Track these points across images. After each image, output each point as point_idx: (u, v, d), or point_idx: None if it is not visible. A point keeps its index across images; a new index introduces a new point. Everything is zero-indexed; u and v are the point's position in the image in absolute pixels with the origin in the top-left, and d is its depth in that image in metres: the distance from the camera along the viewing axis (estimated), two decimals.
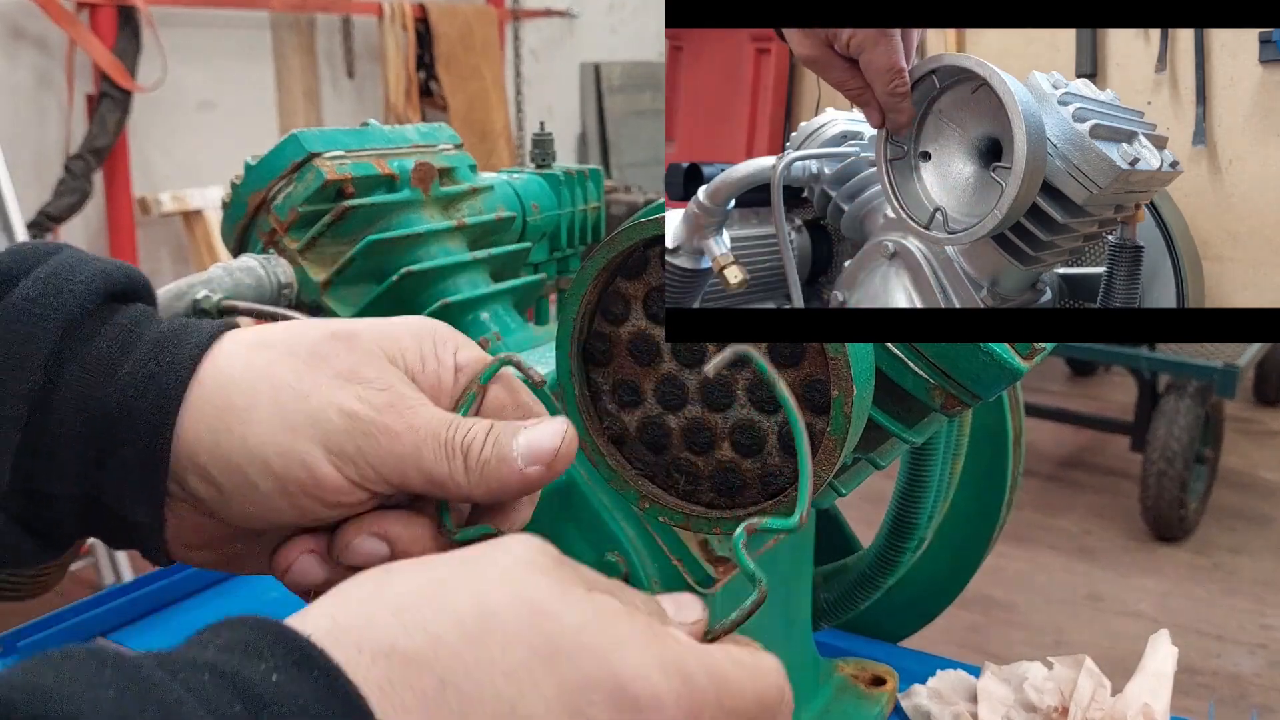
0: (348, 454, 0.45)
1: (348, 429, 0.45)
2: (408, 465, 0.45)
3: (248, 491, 0.45)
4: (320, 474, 0.45)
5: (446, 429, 0.46)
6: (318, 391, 0.45)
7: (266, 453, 0.44)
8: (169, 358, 0.46)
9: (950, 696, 0.96)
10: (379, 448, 0.45)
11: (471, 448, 0.46)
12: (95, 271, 0.47)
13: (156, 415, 0.44)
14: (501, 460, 0.46)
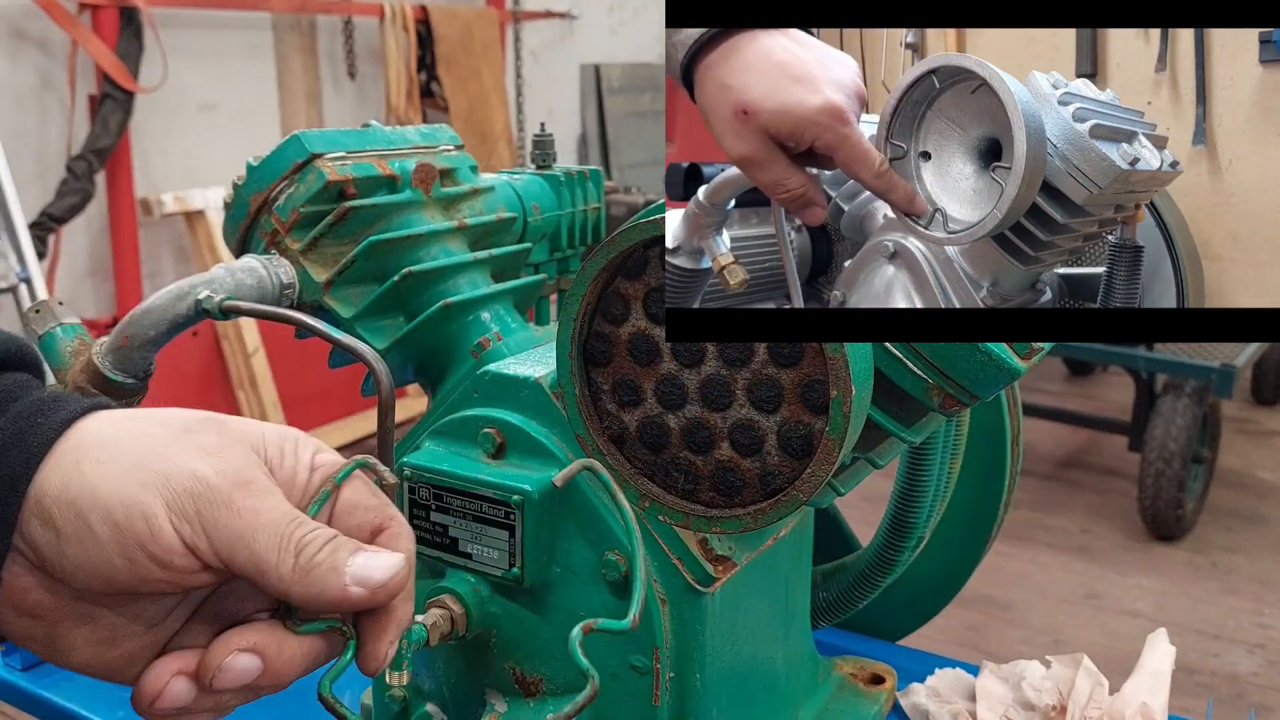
0: (188, 515, 0.46)
1: (193, 492, 0.46)
2: (240, 544, 0.46)
3: (85, 537, 0.45)
4: (156, 528, 0.45)
5: (289, 523, 0.47)
6: (179, 456, 0.47)
7: (111, 501, 0.45)
8: (42, 419, 0.47)
9: (948, 695, 0.96)
10: (218, 518, 0.46)
11: (306, 548, 0.47)
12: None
13: (17, 468, 0.45)
14: (332, 569, 0.47)
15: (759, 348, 0.63)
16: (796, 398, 0.62)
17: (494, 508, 0.74)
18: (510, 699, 0.79)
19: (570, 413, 0.69)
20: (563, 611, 0.76)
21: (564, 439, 0.75)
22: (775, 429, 0.63)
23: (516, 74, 4.93)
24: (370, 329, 0.84)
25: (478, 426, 0.77)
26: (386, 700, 0.85)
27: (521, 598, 0.77)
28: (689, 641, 0.75)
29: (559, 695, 0.78)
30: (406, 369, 0.87)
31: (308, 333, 0.76)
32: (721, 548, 0.75)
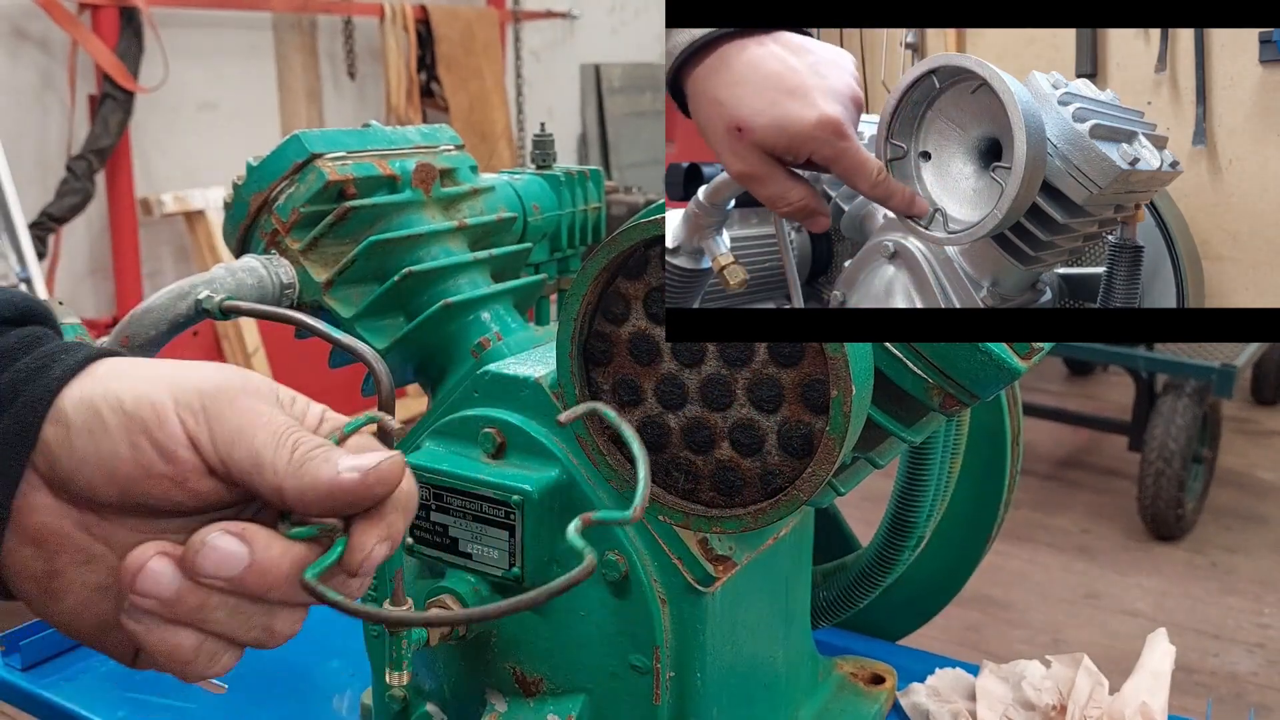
0: (194, 408, 0.47)
1: (200, 389, 0.48)
2: (240, 438, 0.47)
3: (95, 427, 0.47)
4: (163, 415, 0.47)
5: (288, 426, 0.49)
6: (196, 369, 0.49)
7: (124, 395, 0.47)
8: (65, 355, 0.49)
9: (949, 694, 0.96)
10: (221, 412, 0.48)
11: (302, 445, 0.48)
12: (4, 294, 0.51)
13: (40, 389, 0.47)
14: (325, 461, 0.47)
15: (759, 348, 0.63)
16: (797, 397, 0.62)
17: (494, 508, 0.74)
18: (510, 699, 0.80)
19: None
20: (563, 611, 0.76)
21: (564, 439, 0.75)
22: (775, 429, 0.63)
23: (517, 74, 4.93)
24: (370, 329, 0.84)
25: (478, 426, 0.77)
26: (386, 700, 0.85)
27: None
28: (689, 641, 0.75)
29: (559, 695, 0.78)
30: (406, 369, 0.87)
31: (308, 333, 0.76)
32: (721, 547, 0.75)
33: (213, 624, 0.48)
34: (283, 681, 1.01)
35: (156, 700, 0.98)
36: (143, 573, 0.47)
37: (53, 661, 1.03)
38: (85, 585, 0.49)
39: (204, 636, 0.48)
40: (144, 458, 0.47)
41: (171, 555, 0.47)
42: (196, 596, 0.47)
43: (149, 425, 0.47)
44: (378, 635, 0.82)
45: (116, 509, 0.48)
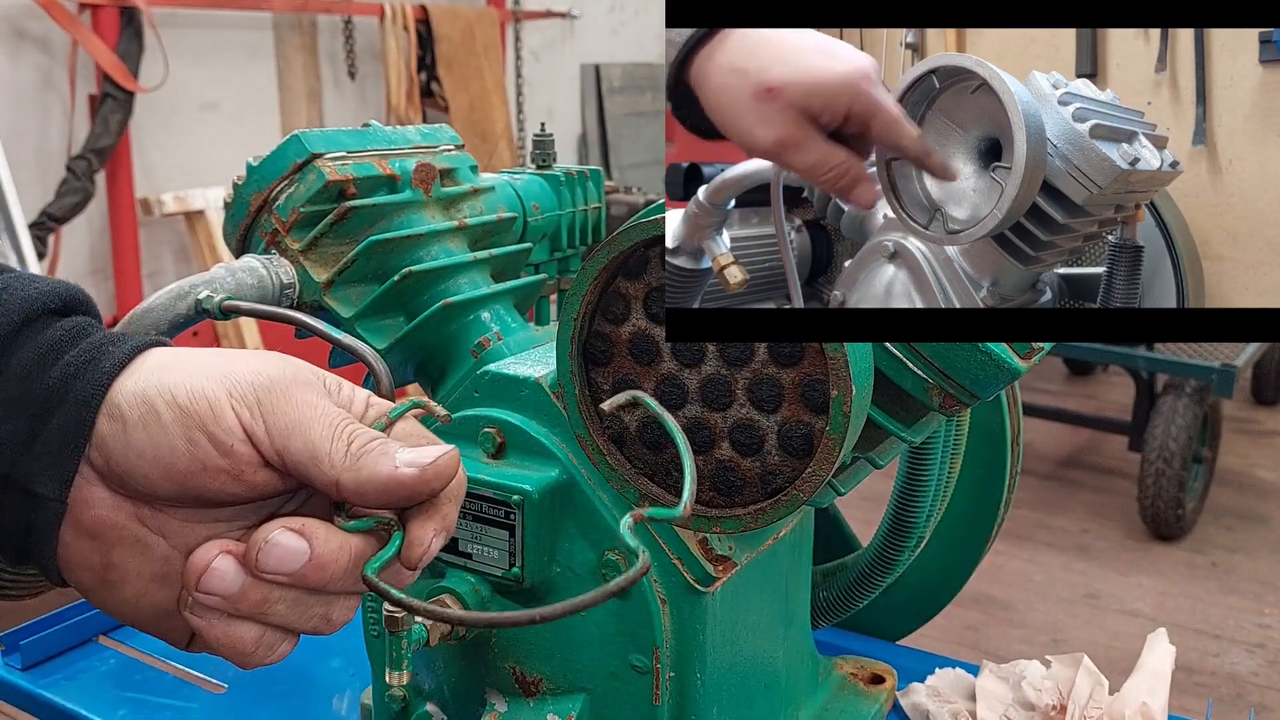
0: (249, 401, 0.48)
1: (255, 383, 0.48)
2: (296, 430, 0.48)
3: (150, 422, 0.47)
4: (219, 409, 0.47)
5: (343, 418, 0.49)
6: (244, 360, 0.50)
7: (178, 389, 0.48)
8: (113, 347, 0.49)
9: (949, 694, 0.96)
10: (276, 405, 0.48)
11: (357, 438, 0.48)
12: (50, 286, 0.51)
13: (92, 383, 0.48)
14: (382, 454, 0.48)
15: (759, 348, 0.63)
16: (796, 397, 0.62)
17: (494, 508, 0.74)
18: (510, 699, 0.80)
19: (570, 413, 0.69)
20: None
21: (564, 439, 0.75)
22: (775, 429, 0.63)
23: (517, 74, 4.93)
24: (370, 329, 0.84)
25: (478, 426, 0.77)
26: (386, 700, 0.85)
27: (521, 598, 0.77)
28: (689, 641, 0.75)
29: (559, 695, 0.78)
30: (406, 369, 0.87)
31: (308, 333, 0.76)
32: (721, 547, 0.75)
33: (274, 616, 0.49)
34: (283, 681, 1.01)
35: (156, 700, 0.98)
36: (208, 571, 0.48)
37: (53, 661, 1.03)
38: (141, 575, 0.50)
39: (264, 629, 0.49)
40: (201, 452, 0.47)
41: (235, 553, 0.48)
42: (259, 592, 0.48)
43: (205, 420, 0.47)
44: (378, 635, 0.82)
45: (172, 500, 0.49)
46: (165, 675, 1.02)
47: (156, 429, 0.47)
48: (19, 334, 0.49)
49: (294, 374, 0.50)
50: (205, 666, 1.02)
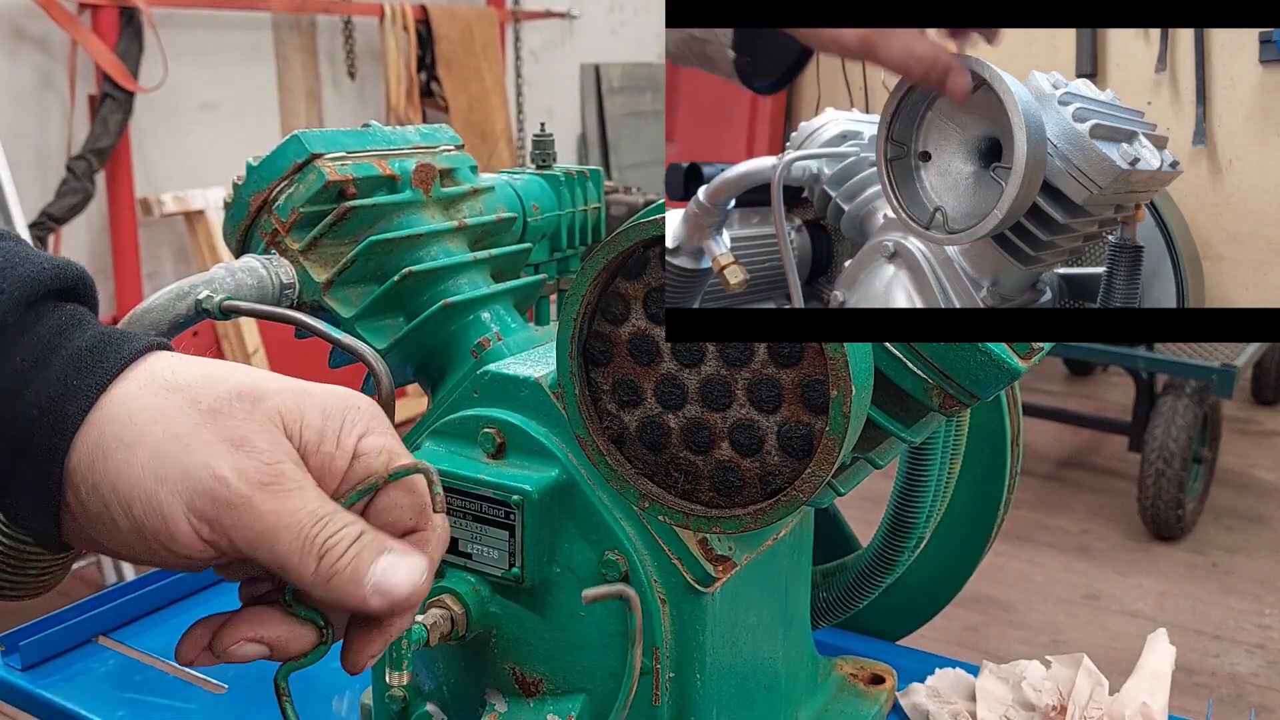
0: (207, 516, 0.46)
1: (212, 494, 0.46)
2: (261, 544, 0.46)
3: (108, 522, 0.47)
4: (175, 528, 0.46)
5: (313, 525, 0.47)
6: (202, 449, 0.46)
7: (132, 496, 0.46)
8: (77, 381, 0.47)
9: (948, 695, 0.96)
10: (238, 521, 0.46)
11: (329, 553, 0.47)
12: (24, 276, 0.48)
13: (53, 440, 0.46)
14: (352, 579, 0.47)
15: (759, 348, 0.63)
16: (796, 398, 0.62)
17: (494, 508, 0.74)
18: (510, 699, 0.79)
19: (570, 413, 0.69)
20: (563, 611, 0.76)
21: (564, 439, 0.75)
22: (775, 429, 0.63)
23: (516, 74, 4.93)
24: (370, 329, 0.84)
25: (478, 426, 0.77)
26: (386, 700, 0.85)
27: (521, 598, 0.77)
28: (689, 641, 0.75)
29: (559, 695, 0.78)
30: (406, 369, 0.87)
31: (308, 333, 0.76)
32: (721, 548, 0.75)
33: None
34: None
35: (156, 700, 0.98)
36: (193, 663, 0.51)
37: (52, 662, 1.03)
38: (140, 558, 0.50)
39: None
40: (160, 557, 0.48)
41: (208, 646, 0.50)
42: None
43: (160, 537, 0.46)
44: None
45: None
46: (165, 675, 1.02)
47: (114, 531, 0.47)
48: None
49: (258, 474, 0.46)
50: (205, 667, 1.02)
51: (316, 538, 0.46)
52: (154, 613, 1.13)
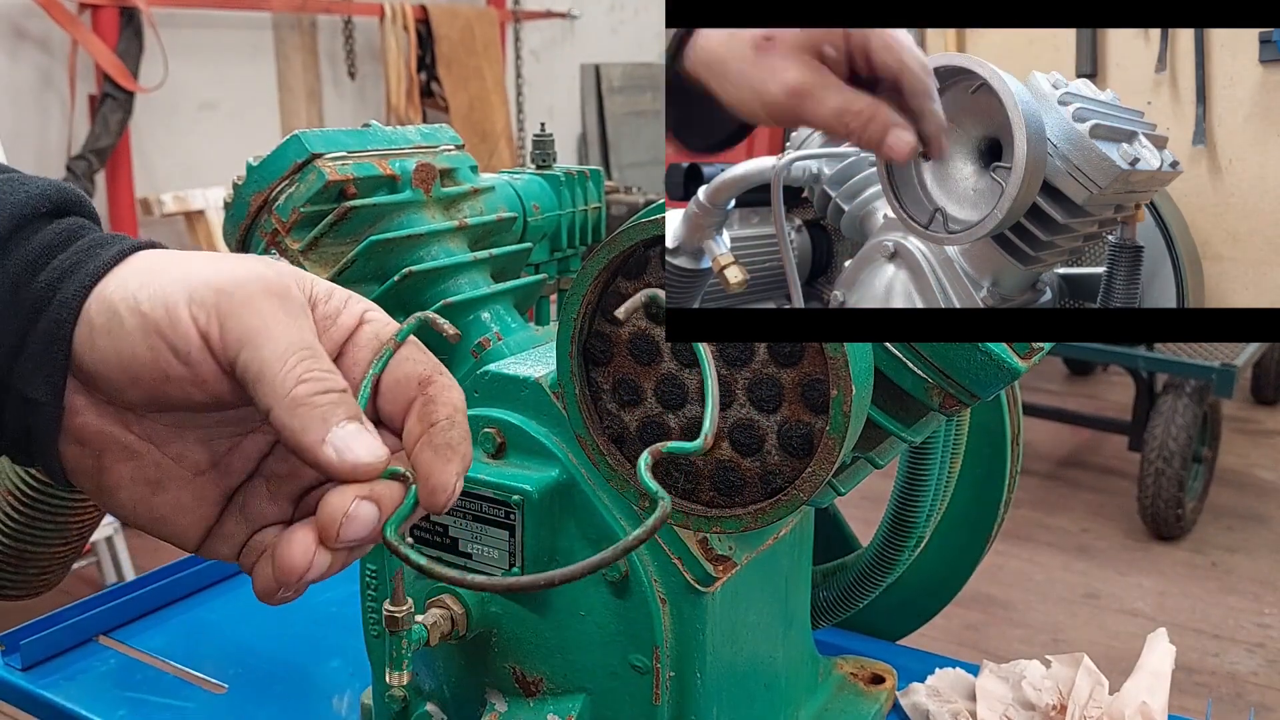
0: (207, 305, 0.46)
1: (218, 287, 0.46)
2: (249, 342, 0.46)
3: (114, 328, 0.46)
4: (175, 315, 0.46)
5: (303, 348, 0.46)
6: (219, 263, 0.47)
7: (140, 295, 0.46)
8: (101, 250, 0.48)
9: (949, 694, 0.96)
10: (235, 310, 0.46)
11: (309, 382, 0.46)
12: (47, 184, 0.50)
13: (74, 287, 0.47)
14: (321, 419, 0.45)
15: (759, 348, 0.63)
16: (796, 397, 0.62)
17: (494, 508, 0.74)
18: (510, 699, 0.80)
19: (570, 413, 0.69)
20: (563, 611, 0.76)
21: (564, 439, 0.75)
22: (775, 428, 0.63)
23: (517, 74, 4.93)
24: None
25: (478, 426, 0.77)
26: (386, 700, 0.85)
27: (521, 597, 0.77)
28: (689, 641, 0.75)
29: (559, 695, 0.78)
30: None
31: None
32: (721, 547, 0.75)
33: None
34: (283, 681, 1.01)
35: (156, 700, 0.98)
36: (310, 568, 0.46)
37: (53, 661, 1.03)
38: (136, 481, 0.49)
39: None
40: (161, 359, 0.46)
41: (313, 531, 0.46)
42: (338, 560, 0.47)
43: (162, 326, 0.46)
44: (378, 635, 0.82)
45: (146, 408, 0.49)
46: (165, 675, 1.02)
47: (119, 335, 0.46)
48: (11, 238, 0.48)
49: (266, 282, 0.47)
50: (206, 667, 1.02)
51: (301, 362, 0.46)
52: (154, 612, 1.13)
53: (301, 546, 0.46)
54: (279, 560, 0.46)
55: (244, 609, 1.15)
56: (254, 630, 1.10)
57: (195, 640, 1.08)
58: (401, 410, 0.50)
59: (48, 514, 0.80)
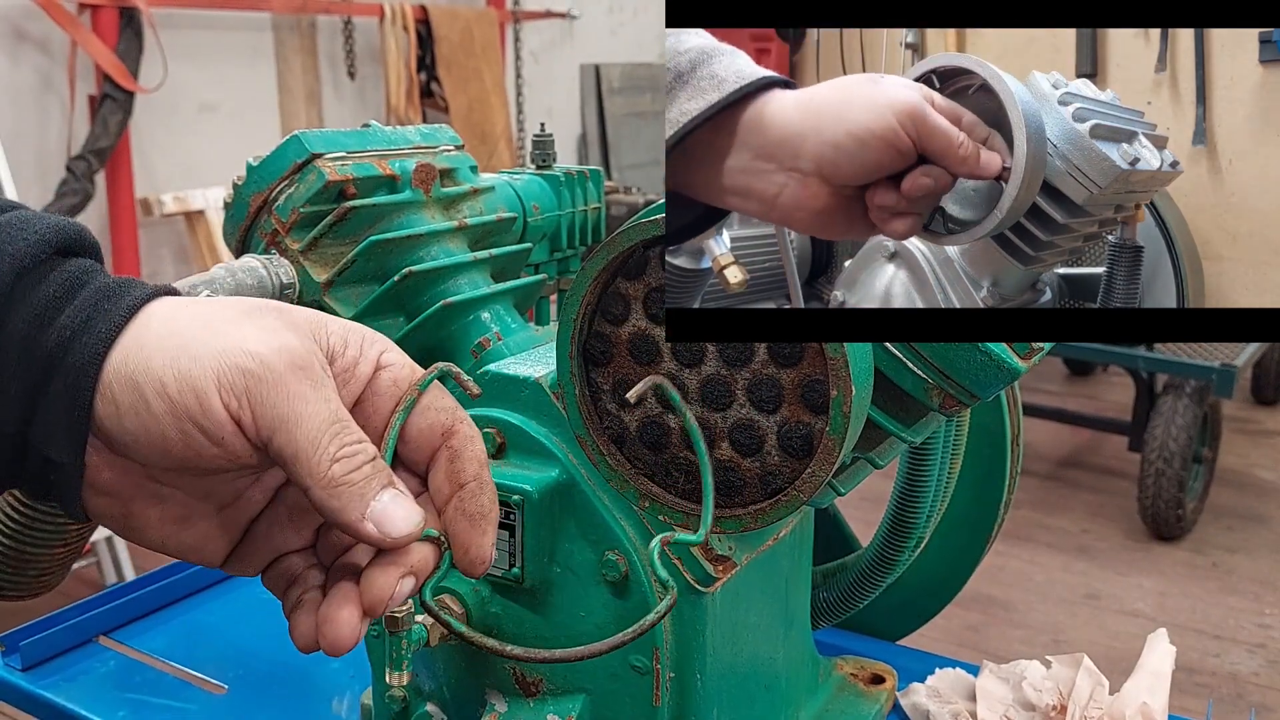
0: (236, 390, 0.46)
1: (245, 368, 0.46)
2: (282, 427, 0.47)
3: (141, 410, 0.46)
4: (206, 403, 0.46)
5: (333, 424, 0.47)
6: (236, 334, 0.47)
7: (165, 374, 0.46)
8: (109, 305, 0.48)
9: (949, 695, 0.96)
10: (265, 395, 0.46)
11: (344, 460, 0.47)
12: (47, 226, 0.49)
13: (88, 352, 0.47)
14: (359, 495, 0.47)
15: (759, 348, 0.63)
16: (796, 398, 0.62)
17: None
18: (510, 699, 0.79)
19: (570, 413, 0.69)
20: (563, 611, 0.76)
21: (564, 439, 0.75)
22: (775, 429, 0.63)
23: (516, 74, 4.93)
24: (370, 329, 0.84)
25: (478, 426, 0.77)
26: (386, 700, 0.85)
27: (521, 598, 0.77)
28: (689, 641, 0.75)
29: (559, 695, 0.78)
30: None
31: None
32: (721, 548, 0.75)
33: None
34: (283, 682, 1.01)
35: (156, 700, 0.98)
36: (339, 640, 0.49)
37: (53, 662, 1.03)
38: (164, 521, 0.51)
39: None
40: (194, 441, 0.47)
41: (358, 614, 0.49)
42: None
43: (194, 414, 0.46)
44: (378, 635, 0.82)
45: (175, 472, 0.50)
46: (165, 676, 1.02)
47: (148, 417, 0.46)
48: (13, 290, 0.47)
49: (293, 355, 0.48)
50: (206, 667, 1.02)
51: (335, 439, 0.47)
52: (154, 613, 1.13)
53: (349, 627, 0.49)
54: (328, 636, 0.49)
55: (244, 609, 1.15)
56: (254, 631, 1.10)
57: (195, 641, 1.08)
58: (425, 458, 0.52)
59: (47, 515, 0.80)
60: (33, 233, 0.49)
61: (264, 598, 1.16)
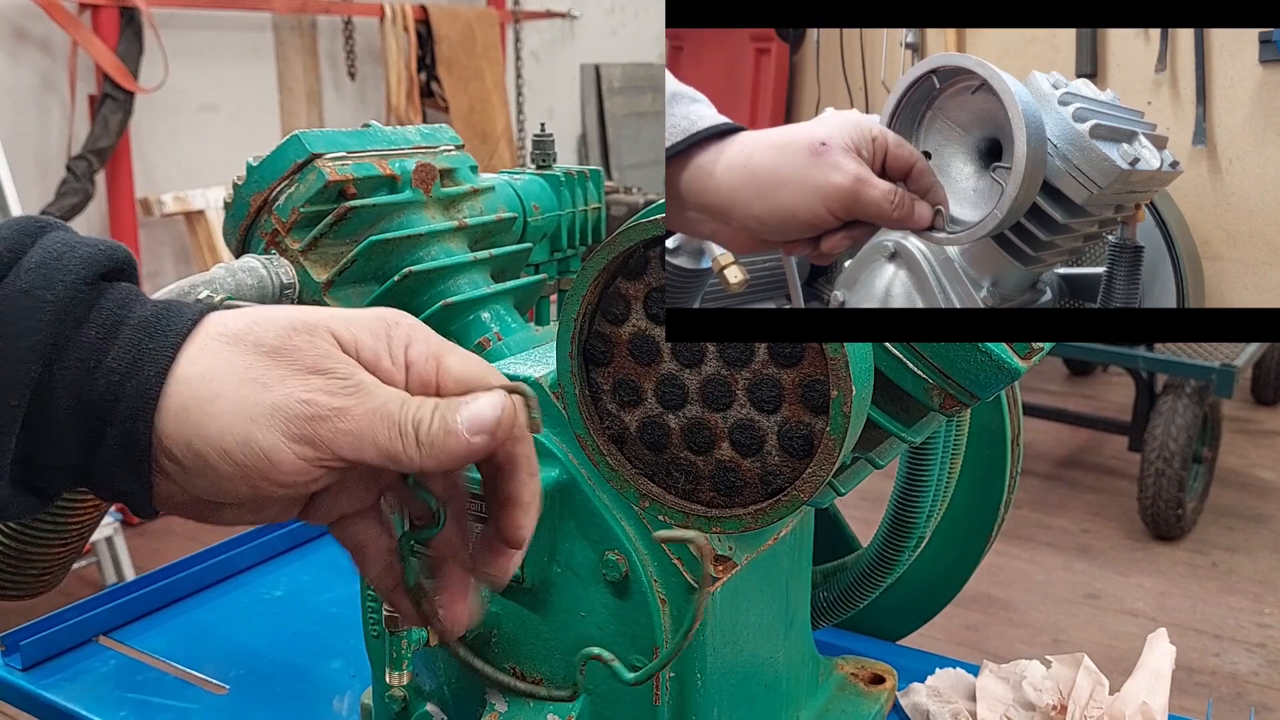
0: (307, 438, 0.49)
1: (306, 416, 0.49)
2: (364, 444, 0.49)
3: (208, 472, 0.49)
4: (278, 459, 0.48)
5: (399, 408, 0.50)
6: (280, 384, 0.49)
7: (225, 441, 0.48)
8: (151, 344, 0.49)
9: (949, 695, 0.96)
10: (338, 428, 0.49)
11: (420, 424, 0.50)
12: (82, 257, 0.50)
13: (137, 404, 0.48)
14: (448, 433, 0.50)
15: (759, 348, 0.63)
16: (797, 398, 0.62)
17: None
18: (510, 699, 0.79)
19: (570, 413, 0.69)
20: (563, 611, 0.76)
21: (564, 439, 0.75)
22: (775, 429, 0.63)
23: (517, 74, 4.93)
24: None
25: None
26: (386, 700, 0.85)
27: (522, 597, 0.77)
28: (689, 641, 0.75)
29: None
30: None
31: None
32: (721, 548, 0.75)
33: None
34: (283, 682, 1.01)
35: (157, 700, 0.98)
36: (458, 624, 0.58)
37: (53, 662, 1.03)
38: (236, 516, 0.53)
39: None
40: (264, 491, 0.49)
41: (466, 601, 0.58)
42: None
43: (265, 472, 0.48)
44: (378, 635, 0.82)
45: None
46: (166, 676, 1.02)
47: (216, 479, 0.49)
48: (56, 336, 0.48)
49: (340, 386, 0.49)
50: (207, 667, 1.02)
51: (407, 417, 0.50)
52: (154, 613, 1.13)
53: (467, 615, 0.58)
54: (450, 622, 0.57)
55: (244, 609, 1.15)
56: (255, 631, 1.10)
57: (196, 641, 1.08)
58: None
59: (47, 514, 0.80)
60: (67, 270, 0.49)
61: (264, 598, 1.16)
